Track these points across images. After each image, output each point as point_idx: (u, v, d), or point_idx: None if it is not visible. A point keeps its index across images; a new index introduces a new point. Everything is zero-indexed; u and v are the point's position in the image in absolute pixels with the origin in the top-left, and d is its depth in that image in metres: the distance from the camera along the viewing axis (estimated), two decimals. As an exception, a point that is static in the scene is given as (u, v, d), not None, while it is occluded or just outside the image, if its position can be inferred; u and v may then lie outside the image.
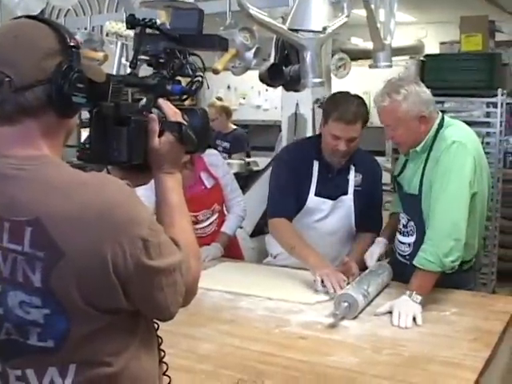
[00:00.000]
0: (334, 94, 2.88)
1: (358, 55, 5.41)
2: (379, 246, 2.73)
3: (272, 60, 2.85)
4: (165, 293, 1.19)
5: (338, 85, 3.96)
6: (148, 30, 1.46)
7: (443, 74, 5.55)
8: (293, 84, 2.86)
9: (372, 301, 2.42)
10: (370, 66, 2.82)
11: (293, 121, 3.83)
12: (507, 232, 5.55)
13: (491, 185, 2.61)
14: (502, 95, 5.05)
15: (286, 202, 2.87)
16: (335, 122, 2.70)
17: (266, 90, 7.43)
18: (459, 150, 2.42)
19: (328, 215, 2.92)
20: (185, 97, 1.45)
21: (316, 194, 2.89)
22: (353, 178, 2.91)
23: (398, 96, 2.45)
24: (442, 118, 2.56)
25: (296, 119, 3.82)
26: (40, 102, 1.15)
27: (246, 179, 4.76)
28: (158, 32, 1.47)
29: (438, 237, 2.38)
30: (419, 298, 2.30)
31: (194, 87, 1.45)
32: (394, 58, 3.29)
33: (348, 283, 2.56)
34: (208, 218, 3.27)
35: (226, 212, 3.40)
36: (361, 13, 4.12)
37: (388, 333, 2.15)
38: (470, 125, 2.65)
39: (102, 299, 1.13)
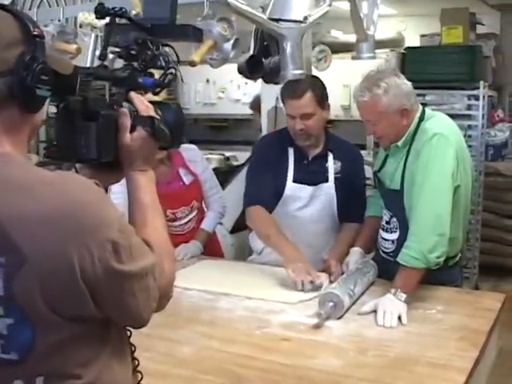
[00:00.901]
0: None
1: (338, 48, 5.33)
2: (354, 255, 2.64)
3: (251, 52, 2.77)
4: (137, 298, 1.12)
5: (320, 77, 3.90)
6: (119, 20, 1.38)
7: (424, 67, 5.48)
8: (273, 76, 2.78)
9: (357, 300, 2.35)
10: (353, 58, 2.76)
11: (273, 114, 3.74)
12: (489, 225, 5.52)
13: (474, 178, 2.55)
14: (483, 88, 5.00)
15: (262, 190, 2.82)
16: (286, 100, 2.72)
17: (246, 84, 7.34)
18: (441, 142, 2.35)
19: (309, 203, 2.86)
20: (158, 90, 1.38)
21: (294, 181, 2.84)
22: (332, 165, 2.86)
23: (378, 90, 2.37)
24: (423, 111, 2.49)
25: (276, 112, 3.74)
26: (1, 94, 1.07)
27: (225, 174, 4.68)
28: (128, 22, 1.40)
29: (421, 232, 2.31)
30: (404, 295, 2.24)
31: (167, 80, 1.38)
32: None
33: (331, 282, 2.49)
34: (187, 215, 3.19)
35: (205, 209, 3.32)
36: (341, 5, 4.07)
37: (373, 333, 2.08)
38: (452, 118, 2.58)
39: (70, 307, 1.05)
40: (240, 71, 2.81)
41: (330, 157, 2.86)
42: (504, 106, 6.86)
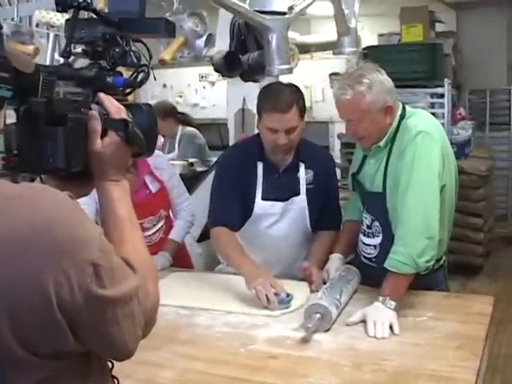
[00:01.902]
0: (265, 86, 2.67)
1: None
2: (335, 262, 2.51)
3: (220, 47, 2.61)
4: (121, 327, 0.98)
5: (280, 78, 3.78)
6: (85, 15, 1.25)
7: (385, 66, 5.38)
8: (252, 73, 2.62)
9: (343, 309, 2.22)
10: (335, 53, 2.62)
11: (240, 117, 3.60)
12: (455, 224, 5.46)
13: (457, 176, 2.45)
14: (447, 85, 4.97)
15: (228, 208, 2.65)
16: (269, 113, 2.50)
17: (204, 88, 7.20)
18: (425, 140, 2.24)
19: (280, 219, 2.71)
20: (128, 90, 1.24)
21: (263, 198, 2.67)
22: (303, 175, 2.70)
23: (361, 86, 2.25)
24: (404, 108, 2.39)
25: (243, 115, 3.60)
26: None
27: (190, 181, 4.50)
28: (94, 16, 1.24)
29: (409, 236, 2.20)
30: (393, 303, 2.12)
31: (139, 79, 1.24)
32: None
33: (313, 291, 2.37)
34: (154, 225, 3.03)
35: (172, 218, 3.16)
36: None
37: (366, 345, 1.96)
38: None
39: (45, 343, 0.90)
40: (216, 69, 2.65)
41: (302, 167, 2.70)
42: (464, 104, 6.88)
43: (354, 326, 2.10)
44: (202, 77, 7.00)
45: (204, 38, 2.11)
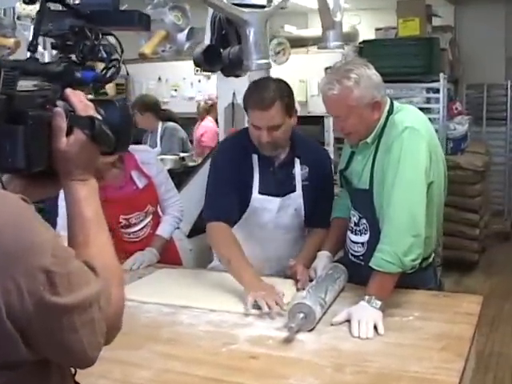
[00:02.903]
0: (253, 81, 2.62)
1: (292, 43, 5.23)
2: (322, 260, 2.46)
3: (208, 41, 2.55)
4: (80, 335, 0.93)
5: (275, 72, 3.73)
6: (53, 7, 1.19)
7: (381, 60, 5.28)
8: (233, 68, 2.56)
9: (328, 308, 2.18)
10: (320, 47, 2.57)
11: (230, 111, 3.55)
12: (450, 220, 5.44)
13: (446, 172, 2.40)
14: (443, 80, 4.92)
15: (225, 202, 2.58)
16: (252, 110, 2.47)
17: (199, 81, 7.16)
18: (412, 135, 2.19)
19: (277, 214, 2.66)
20: (99, 85, 1.19)
21: (260, 192, 2.62)
22: (299, 171, 2.65)
23: (349, 81, 2.20)
24: (392, 104, 2.34)
25: (233, 109, 3.55)
26: None
27: (180, 175, 4.46)
28: (64, 8, 1.20)
29: (395, 233, 2.15)
30: (379, 303, 2.08)
31: (109, 73, 1.19)
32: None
33: (298, 289, 2.33)
34: (141, 221, 2.99)
35: (160, 213, 3.12)
36: (295, 0, 3.89)
37: (349, 346, 1.92)
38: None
39: None
40: (196, 63, 2.59)
41: (297, 163, 2.65)
42: (462, 98, 6.83)
43: (339, 325, 2.06)
44: (198, 70, 6.96)
45: (186, 31, 2.05)
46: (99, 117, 1.11)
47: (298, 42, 5.51)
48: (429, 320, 2.09)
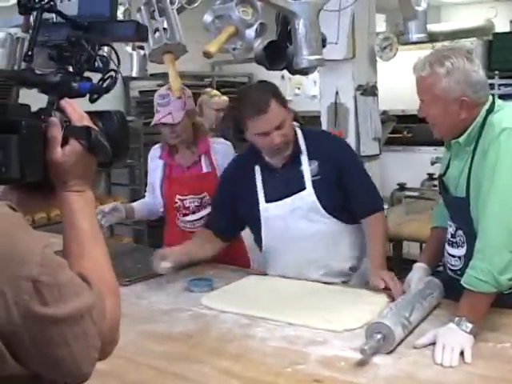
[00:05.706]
0: (235, 97, 2.75)
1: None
2: (417, 272, 2.26)
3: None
4: (71, 348, 0.90)
5: (383, 69, 3.53)
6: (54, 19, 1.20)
7: (514, 54, 4.97)
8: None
9: (415, 328, 1.98)
10: (400, 41, 2.35)
11: (332, 111, 3.40)
12: None
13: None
14: None
15: (219, 218, 2.77)
16: (252, 120, 2.42)
17: (323, 79, 7.01)
18: (511, 137, 1.95)
19: (291, 218, 2.57)
20: (95, 97, 1.16)
21: (267, 201, 2.59)
22: (307, 168, 2.54)
23: (441, 69, 2.00)
24: (493, 102, 2.09)
25: (336, 109, 3.39)
26: None
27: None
28: (61, 19, 1.19)
29: (489, 248, 1.92)
30: (470, 325, 1.86)
31: (106, 84, 1.16)
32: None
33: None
34: (197, 208, 3.01)
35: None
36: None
37: (429, 374, 1.71)
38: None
39: None
40: (257, 60, 2.49)
41: (304, 159, 2.54)
42: None
43: (422, 348, 1.87)
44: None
45: (255, 27, 1.93)
46: (95, 127, 1.09)
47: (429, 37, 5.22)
48: (527, 348, 1.84)
